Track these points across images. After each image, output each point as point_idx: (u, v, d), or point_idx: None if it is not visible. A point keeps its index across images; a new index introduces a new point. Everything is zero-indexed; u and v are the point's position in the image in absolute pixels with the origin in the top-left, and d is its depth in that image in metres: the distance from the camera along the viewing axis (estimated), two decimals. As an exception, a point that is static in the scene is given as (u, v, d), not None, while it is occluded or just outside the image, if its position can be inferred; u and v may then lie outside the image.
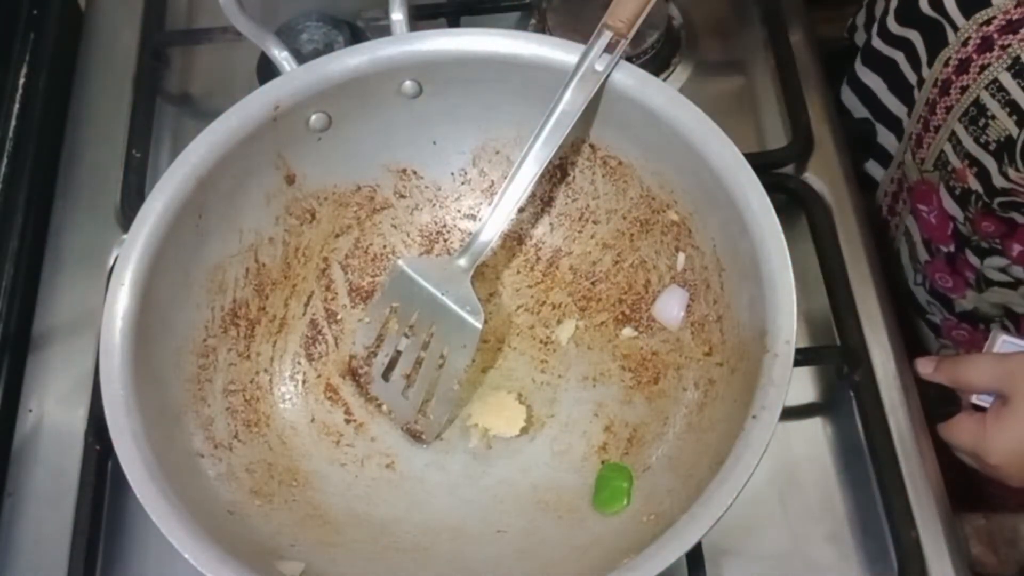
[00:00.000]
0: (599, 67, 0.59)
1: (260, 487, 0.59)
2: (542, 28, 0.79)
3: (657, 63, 0.78)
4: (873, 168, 0.85)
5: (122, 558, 0.64)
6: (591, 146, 0.65)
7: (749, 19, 0.82)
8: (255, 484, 0.59)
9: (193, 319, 0.61)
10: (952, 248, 0.74)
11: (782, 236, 0.55)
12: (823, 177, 0.75)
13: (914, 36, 0.72)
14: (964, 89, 0.66)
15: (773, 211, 0.55)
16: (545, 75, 0.61)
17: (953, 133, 0.68)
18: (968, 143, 0.67)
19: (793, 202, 0.73)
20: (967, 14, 0.65)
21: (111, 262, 0.73)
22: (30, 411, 0.69)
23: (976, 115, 0.66)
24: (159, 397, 0.56)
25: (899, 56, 0.75)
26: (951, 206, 0.72)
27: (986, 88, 0.65)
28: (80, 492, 0.65)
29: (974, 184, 0.68)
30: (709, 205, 0.60)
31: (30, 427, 0.69)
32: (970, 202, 0.70)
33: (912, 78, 0.75)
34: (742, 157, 0.57)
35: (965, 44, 0.65)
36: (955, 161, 0.69)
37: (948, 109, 0.68)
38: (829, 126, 0.76)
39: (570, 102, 0.59)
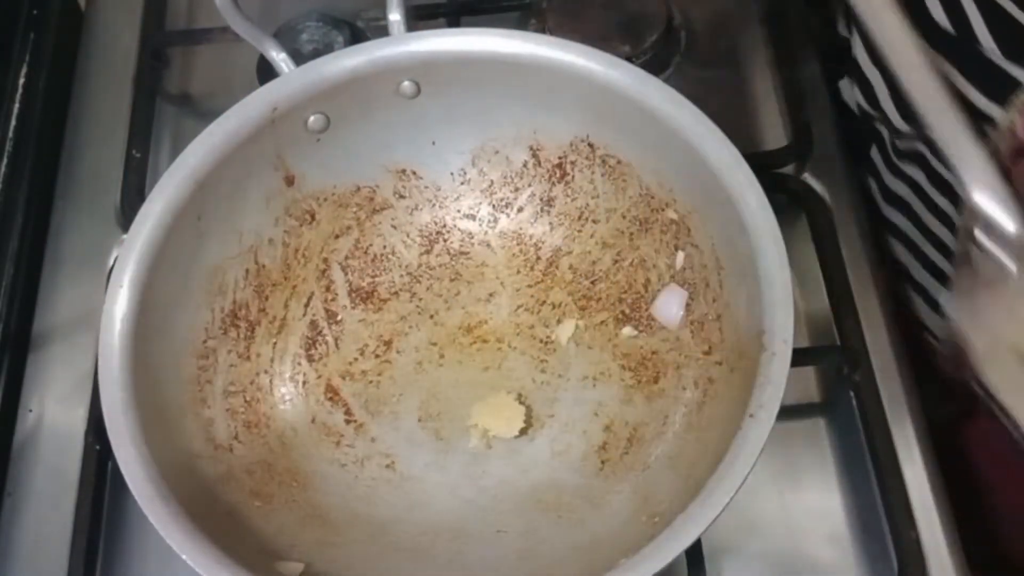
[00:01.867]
0: None
1: (260, 488, 0.59)
2: (542, 28, 0.78)
3: (657, 63, 0.78)
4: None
5: (122, 558, 0.64)
6: (590, 145, 0.65)
7: (749, 19, 0.81)
8: (255, 485, 0.59)
9: (193, 320, 0.61)
10: None
11: (779, 235, 0.55)
12: (823, 177, 0.74)
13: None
14: None
15: (771, 210, 0.55)
16: (545, 75, 0.61)
17: None
18: None
19: (793, 202, 0.73)
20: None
21: (111, 262, 0.73)
22: (30, 411, 0.69)
23: None
24: (158, 399, 0.56)
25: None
26: None
27: None
28: (80, 492, 0.65)
29: None
30: (708, 204, 0.60)
31: (30, 427, 0.69)
32: None
33: None
34: (740, 156, 0.57)
35: None
36: None
37: None
38: (829, 126, 0.76)
39: None
